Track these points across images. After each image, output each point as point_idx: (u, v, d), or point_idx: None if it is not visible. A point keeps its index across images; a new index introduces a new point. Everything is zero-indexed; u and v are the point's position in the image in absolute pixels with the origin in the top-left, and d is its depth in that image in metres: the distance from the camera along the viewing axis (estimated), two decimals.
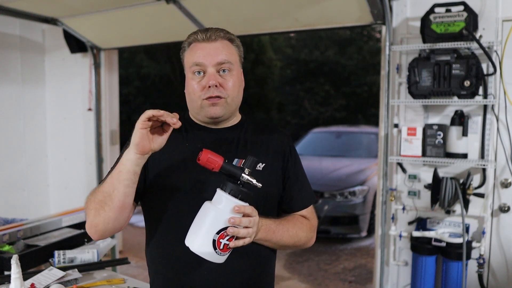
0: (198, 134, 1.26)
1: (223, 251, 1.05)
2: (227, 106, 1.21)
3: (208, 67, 1.19)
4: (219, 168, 1.06)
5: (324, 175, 5.19)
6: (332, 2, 2.75)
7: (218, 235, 1.03)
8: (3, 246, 1.91)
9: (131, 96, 9.85)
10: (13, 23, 3.70)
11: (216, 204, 1.05)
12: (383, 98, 2.76)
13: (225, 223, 1.03)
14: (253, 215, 1.07)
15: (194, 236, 1.05)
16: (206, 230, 1.04)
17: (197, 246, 1.04)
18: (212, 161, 1.06)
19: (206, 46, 1.20)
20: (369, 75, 11.14)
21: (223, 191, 1.05)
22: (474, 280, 2.54)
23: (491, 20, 2.48)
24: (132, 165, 1.07)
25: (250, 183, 1.06)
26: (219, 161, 1.06)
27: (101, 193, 1.13)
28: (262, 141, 1.27)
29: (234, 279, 1.21)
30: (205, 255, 1.04)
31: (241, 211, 1.04)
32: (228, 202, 1.04)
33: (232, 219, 1.03)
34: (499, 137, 2.51)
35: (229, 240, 1.05)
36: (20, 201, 3.87)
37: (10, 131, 3.79)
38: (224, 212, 1.04)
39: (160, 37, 3.56)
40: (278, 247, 1.24)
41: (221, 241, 1.04)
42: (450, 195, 2.44)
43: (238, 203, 1.04)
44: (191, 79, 1.21)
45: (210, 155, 1.06)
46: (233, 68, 1.22)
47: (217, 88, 1.18)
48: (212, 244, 1.03)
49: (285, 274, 4.00)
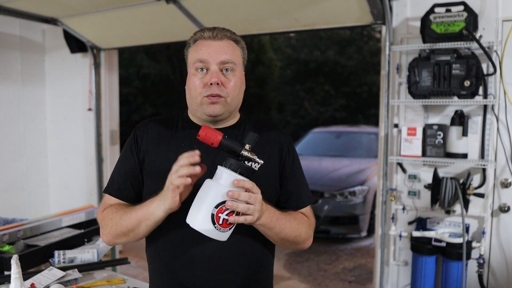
0: (194, 133, 1.24)
1: (222, 226, 1.03)
2: (226, 105, 1.21)
3: (212, 65, 1.19)
4: (218, 143, 1.06)
5: (324, 175, 5.18)
6: (332, 2, 2.75)
7: (216, 209, 1.02)
8: (3, 246, 1.92)
9: (131, 96, 9.85)
10: (13, 23, 3.70)
11: (217, 179, 1.04)
12: (383, 98, 2.76)
13: (224, 197, 1.02)
14: (254, 191, 1.05)
15: (195, 212, 1.04)
16: (206, 205, 1.03)
17: (197, 223, 1.03)
18: (211, 136, 1.05)
19: (212, 44, 1.21)
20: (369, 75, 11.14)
21: (223, 167, 1.04)
22: (474, 280, 2.54)
23: (491, 20, 2.48)
24: (161, 218, 1.12)
25: (251, 158, 1.05)
26: (218, 136, 1.05)
27: (124, 227, 1.18)
28: (261, 140, 1.26)
29: (231, 279, 1.20)
30: (205, 231, 1.03)
31: (240, 185, 1.02)
32: (227, 176, 1.03)
33: (231, 192, 1.01)
34: (499, 137, 2.51)
35: (229, 215, 1.03)
36: (20, 201, 3.87)
37: (10, 131, 3.79)
38: (223, 187, 1.02)
39: (160, 37, 3.56)
40: (279, 240, 1.22)
41: (220, 216, 1.02)
42: (450, 195, 2.44)
43: (237, 177, 1.03)
44: (194, 75, 1.21)
45: (209, 130, 1.06)
46: (236, 69, 1.22)
47: (219, 86, 1.18)
48: (211, 219, 1.02)
49: (285, 274, 4.00)
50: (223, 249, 1.18)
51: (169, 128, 1.27)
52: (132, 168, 1.25)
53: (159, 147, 1.24)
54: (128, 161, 1.26)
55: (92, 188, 3.96)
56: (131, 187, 1.26)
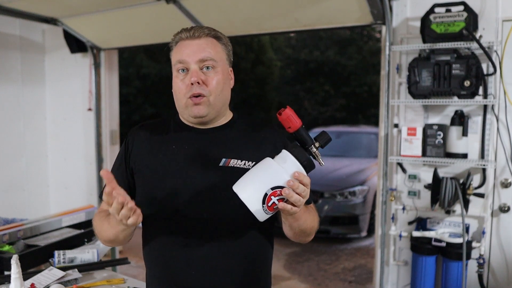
0: (185, 135, 1.24)
1: (269, 208, 1.02)
2: (210, 105, 1.19)
3: (191, 64, 1.17)
4: (295, 129, 1.05)
5: (324, 175, 5.18)
6: (332, 2, 2.75)
7: (272, 191, 1.00)
8: (3, 246, 1.92)
9: (131, 96, 9.84)
10: (13, 23, 3.70)
11: (280, 161, 1.03)
12: (383, 98, 2.76)
13: (283, 183, 1.00)
14: (308, 186, 1.04)
15: (247, 184, 1.02)
16: (262, 182, 1.01)
17: (246, 195, 1.01)
18: (291, 120, 1.05)
19: (190, 44, 1.19)
20: (369, 75, 11.14)
21: (289, 153, 1.03)
22: (474, 280, 2.54)
23: (491, 20, 2.48)
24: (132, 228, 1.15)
25: (316, 157, 1.05)
26: (298, 124, 1.05)
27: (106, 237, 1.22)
28: (253, 139, 1.25)
29: (227, 279, 1.20)
30: (250, 205, 1.01)
31: (300, 178, 1.01)
32: (292, 164, 1.02)
33: (292, 182, 0.99)
34: (499, 137, 2.51)
35: (279, 201, 1.02)
36: (20, 201, 3.87)
37: (10, 131, 3.79)
38: (285, 172, 1.01)
39: (160, 37, 3.56)
40: (298, 231, 1.20)
41: (272, 198, 1.01)
42: (450, 195, 2.44)
43: (301, 169, 1.02)
44: (176, 77, 1.20)
45: (292, 114, 1.05)
46: (217, 66, 1.19)
47: (200, 85, 1.16)
48: (262, 198, 1.01)
49: (285, 274, 4.00)
50: (219, 249, 1.18)
51: (161, 131, 1.27)
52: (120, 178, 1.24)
53: (150, 151, 1.24)
54: (117, 170, 1.27)
55: (92, 188, 3.96)
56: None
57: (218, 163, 1.19)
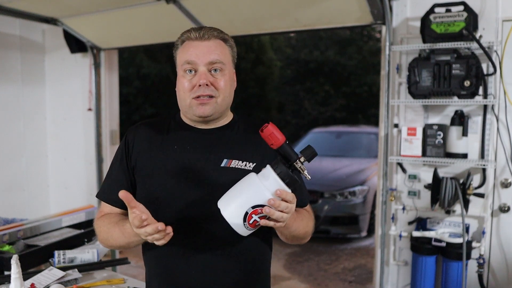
0: (187, 135, 1.25)
1: (250, 225, 1.03)
2: (217, 106, 1.20)
3: (200, 66, 1.18)
4: (278, 146, 1.04)
5: (324, 175, 5.18)
6: (332, 2, 2.75)
7: (252, 209, 1.01)
8: (3, 246, 1.92)
9: (131, 96, 9.84)
10: (13, 23, 3.70)
11: (262, 179, 1.03)
12: (383, 98, 2.76)
13: (264, 201, 1.01)
14: (292, 202, 1.05)
15: (229, 201, 1.04)
16: (243, 200, 1.02)
17: (228, 213, 1.03)
18: (274, 137, 1.04)
19: (199, 45, 1.20)
20: (369, 75, 11.13)
21: (273, 170, 1.03)
22: (474, 280, 2.54)
23: (491, 20, 2.48)
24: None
25: (301, 171, 1.04)
26: (281, 140, 1.04)
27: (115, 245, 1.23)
28: (253, 140, 1.24)
29: (227, 279, 1.20)
30: (232, 223, 1.03)
31: (283, 196, 1.01)
32: (274, 182, 1.02)
33: (273, 201, 1.00)
34: (499, 137, 2.51)
35: (261, 218, 1.03)
36: (20, 201, 3.87)
37: (10, 131, 3.79)
38: (267, 191, 1.01)
39: (160, 37, 3.56)
40: (290, 237, 1.22)
41: (253, 216, 1.02)
42: (450, 195, 2.44)
43: (283, 187, 1.02)
44: (182, 77, 1.21)
45: (275, 131, 1.04)
46: (225, 68, 1.21)
47: (208, 87, 1.18)
48: (243, 216, 1.02)
49: (285, 274, 4.00)
50: (219, 250, 1.18)
51: (161, 130, 1.27)
52: (122, 176, 1.25)
53: (150, 150, 1.24)
54: (118, 169, 1.27)
55: (92, 188, 3.96)
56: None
57: (220, 164, 1.19)
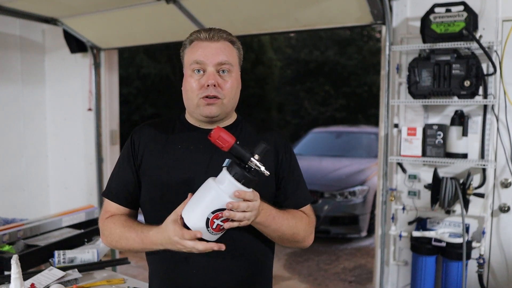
0: (191, 135, 1.26)
1: (215, 230, 1.04)
2: (223, 106, 1.21)
3: (208, 66, 1.20)
4: (229, 148, 1.04)
5: (324, 175, 5.19)
6: (332, 2, 2.75)
7: (213, 214, 1.02)
8: (3, 246, 1.92)
9: (131, 96, 9.84)
10: (13, 23, 3.70)
11: (219, 183, 1.03)
12: (383, 98, 2.76)
13: (222, 205, 1.01)
14: (254, 199, 1.05)
15: (191, 210, 1.04)
16: (203, 207, 1.02)
17: (191, 221, 1.03)
18: (222, 140, 1.04)
19: (208, 46, 1.21)
20: (369, 75, 11.13)
21: (228, 172, 1.03)
22: (474, 280, 2.54)
23: (491, 20, 2.48)
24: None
25: (258, 169, 1.04)
26: (231, 141, 1.04)
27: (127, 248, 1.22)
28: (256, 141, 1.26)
29: (228, 279, 1.21)
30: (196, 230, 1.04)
31: (242, 196, 1.02)
32: (230, 185, 1.02)
33: (230, 204, 1.01)
34: (499, 137, 2.51)
35: (224, 221, 1.03)
36: (20, 201, 3.87)
37: (10, 131, 3.79)
38: (224, 194, 1.02)
39: (160, 37, 3.56)
40: (276, 237, 1.22)
41: (215, 221, 1.02)
42: (450, 195, 2.44)
43: (240, 188, 1.02)
44: (190, 76, 1.22)
45: (222, 133, 1.04)
46: (233, 70, 1.23)
47: (215, 88, 1.19)
48: (205, 222, 1.02)
49: (285, 274, 4.00)
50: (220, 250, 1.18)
51: (166, 131, 1.28)
52: (129, 176, 1.26)
53: (155, 151, 1.25)
54: (125, 168, 1.28)
55: (92, 188, 3.96)
56: (129, 193, 1.27)
57: (223, 164, 1.19)
